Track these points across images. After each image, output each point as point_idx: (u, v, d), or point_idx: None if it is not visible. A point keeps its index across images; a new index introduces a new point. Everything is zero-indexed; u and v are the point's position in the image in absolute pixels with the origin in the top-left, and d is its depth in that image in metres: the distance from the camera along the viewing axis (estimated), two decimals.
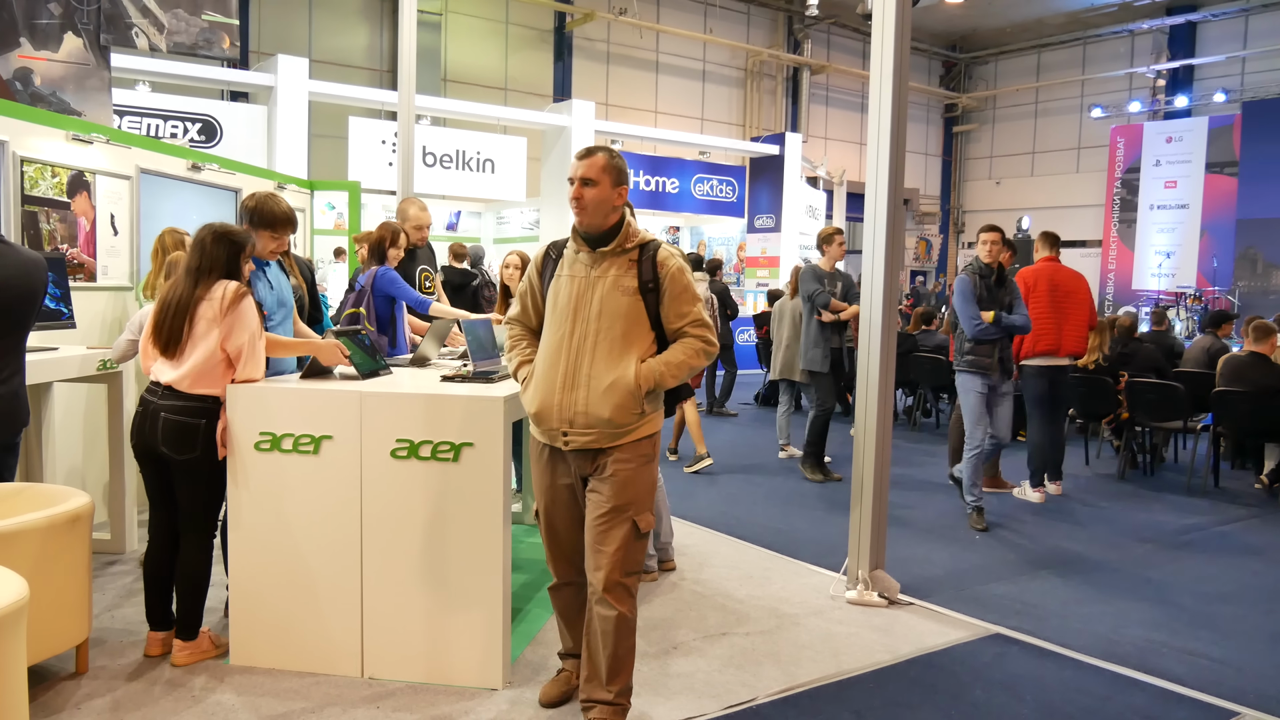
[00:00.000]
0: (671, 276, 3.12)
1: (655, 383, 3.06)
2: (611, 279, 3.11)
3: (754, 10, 21.89)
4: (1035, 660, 4.05)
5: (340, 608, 3.63)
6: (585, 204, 3.09)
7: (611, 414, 3.03)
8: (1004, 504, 6.96)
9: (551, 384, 3.09)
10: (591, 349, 3.07)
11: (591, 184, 3.09)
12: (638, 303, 3.09)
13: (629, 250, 3.15)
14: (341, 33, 16.79)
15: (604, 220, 3.13)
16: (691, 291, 3.14)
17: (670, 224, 18.49)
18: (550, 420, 3.10)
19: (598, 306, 3.08)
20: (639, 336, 3.10)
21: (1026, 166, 25.71)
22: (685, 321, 3.13)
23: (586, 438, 3.07)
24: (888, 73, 4.57)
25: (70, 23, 6.97)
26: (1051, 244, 7.10)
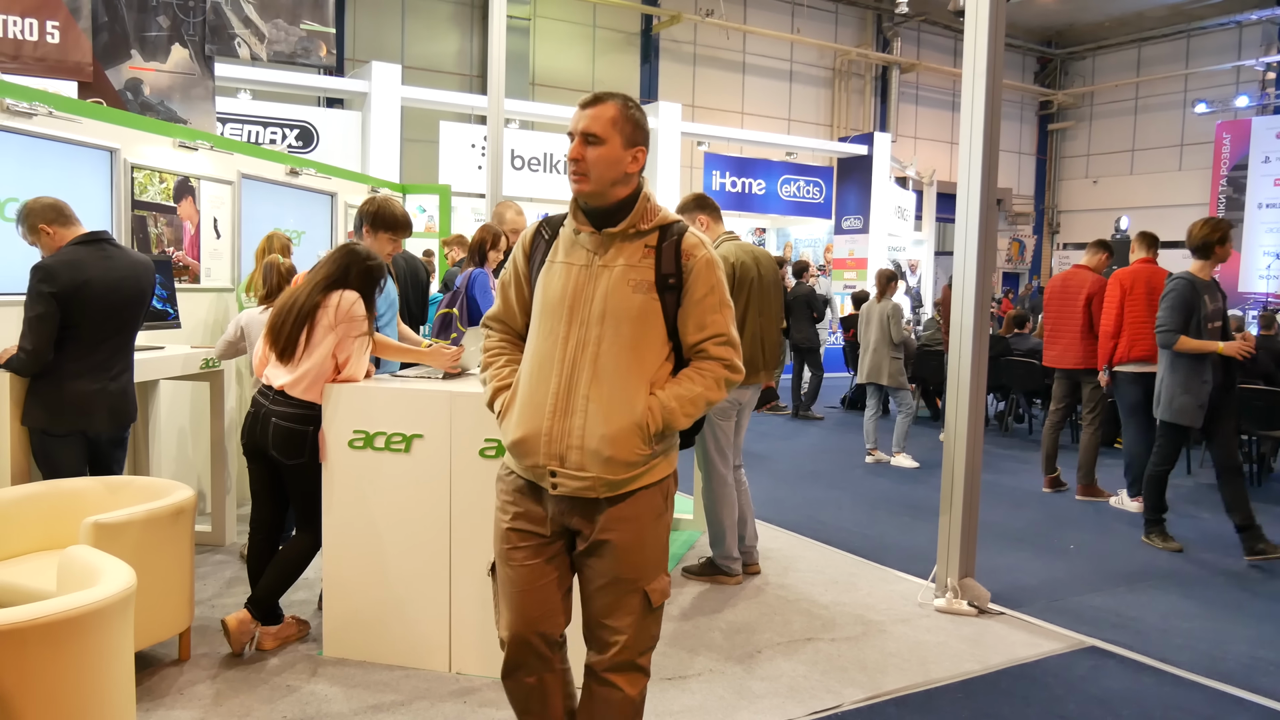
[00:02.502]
0: (698, 272, 2.39)
1: (664, 423, 2.36)
2: (620, 269, 2.38)
3: (842, 9, 21.64)
4: (1133, 675, 3.92)
5: (429, 604, 3.70)
6: (586, 168, 2.36)
7: (613, 453, 2.32)
8: (1101, 514, 6.76)
9: (539, 406, 2.37)
10: (592, 361, 2.35)
11: (596, 141, 2.36)
12: (653, 302, 2.38)
13: (645, 233, 2.42)
14: (433, 39, 17.10)
15: (612, 191, 2.39)
16: (722, 295, 2.44)
17: (756, 225, 18.40)
18: (535, 454, 2.37)
19: (601, 305, 2.36)
20: (652, 348, 2.39)
21: (1125, 165, 24.90)
22: (707, 336, 2.40)
23: (580, 483, 2.34)
24: (980, 70, 4.49)
25: (177, 35, 7.25)
26: (1149, 245, 6.87)
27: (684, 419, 2.39)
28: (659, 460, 2.43)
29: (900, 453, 8.33)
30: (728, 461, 4.85)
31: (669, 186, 15.55)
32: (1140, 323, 6.56)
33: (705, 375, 2.41)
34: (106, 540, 3.14)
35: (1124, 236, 18.34)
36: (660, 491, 2.46)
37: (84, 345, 3.77)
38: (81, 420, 3.80)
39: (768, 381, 5.01)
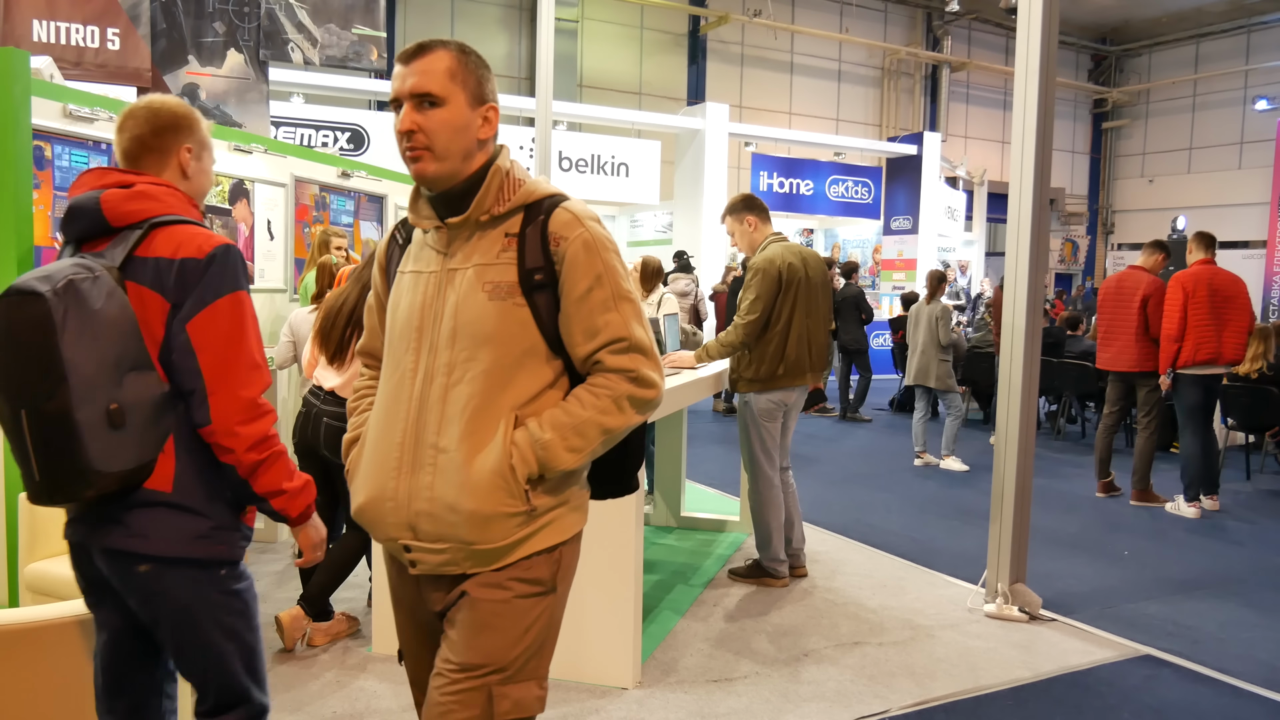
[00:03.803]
0: (573, 259, 1.78)
1: (537, 464, 1.76)
2: (473, 270, 1.80)
3: (892, 8, 21.46)
4: (1190, 685, 3.84)
5: None
6: (426, 140, 1.76)
7: (476, 507, 1.75)
8: (1156, 519, 6.63)
9: (384, 462, 1.82)
10: (441, 398, 1.78)
11: (433, 103, 1.76)
12: (516, 310, 1.78)
13: (504, 218, 1.83)
14: (481, 42, 17.24)
15: (458, 167, 1.81)
16: (616, 286, 1.81)
17: (804, 226, 18.30)
18: (384, 524, 1.82)
19: (451, 322, 1.79)
20: (523, 371, 1.80)
21: (1183, 163, 24.40)
22: (601, 344, 1.80)
23: (439, 557, 1.78)
24: (1033, 68, 4.42)
25: (233, 40, 7.38)
26: (1207, 245, 6.73)
27: (568, 455, 1.76)
28: (550, 519, 1.82)
29: (949, 455, 8.24)
30: (774, 463, 4.83)
31: (716, 187, 15.52)
32: (1204, 325, 6.44)
33: (598, 394, 1.79)
34: None
35: (1181, 237, 17.98)
36: (549, 564, 1.84)
37: None
38: None
39: (815, 383, 4.99)
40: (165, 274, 1.91)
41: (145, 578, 1.95)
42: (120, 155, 2.06)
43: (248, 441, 1.94)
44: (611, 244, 1.86)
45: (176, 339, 1.91)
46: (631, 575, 3.58)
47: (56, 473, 1.81)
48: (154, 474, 1.92)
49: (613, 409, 1.81)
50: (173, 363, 1.92)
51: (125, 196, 1.95)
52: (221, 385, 1.92)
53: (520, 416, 1.79)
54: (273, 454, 1.99)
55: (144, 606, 2.00)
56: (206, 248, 1.94)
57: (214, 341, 1.92)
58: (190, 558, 1.96)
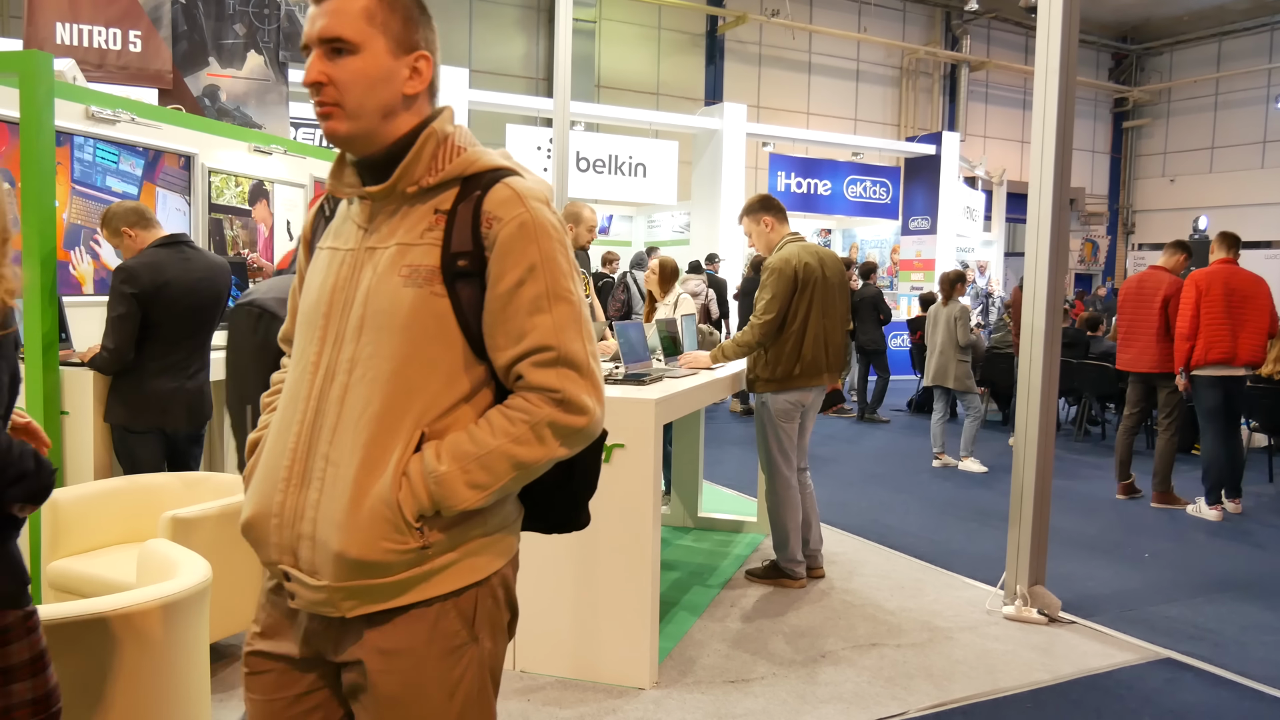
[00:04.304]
0: (504, 244, 1.48)
1: (430, 501, 1.46)
2: (392, 251, 1.52)
3: (910, 7, 21.38)
4: (1211, 689, 3.81)
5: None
6: (337, 95, 1.50)
7: (349, 548, 1.45)
8: (1177, 522, 6.58)
9: (274, 471, 1.54)
10: (340, 399, 1.50)
11: (347, 49, 1.49)
12: (434, 301, 1.49)
13: (435, 190, 1.54)
14: (499, 43, 17.28)
15: (384, 128, 1.53)
16: (552, 282, 1.51)
17: (822, 226, 18.26)
18: (266, 545, 1.54)
19: (360, 309, 1.52)
20: (435, 375, 1.50)
21: (1204, 163, 24.21)
22: (522, 351, 1.49)
23: (313, 594, 1.49)
24: (1054, 67, 4.40)
25: (253, 42, 7.43)
26: (1229, 245, 6.68)
27: (469, 492, 1.46)
28: (455, 558, 1.52)
29: (968, 457, 8.21)
30: (792, 464, 4.82)
31: (734, 188, 15.50)
32: (1217, 325, 6.39)
33: (513, 418, 1.48)
34: (184, 534, 3.23)
35: (1202, 237, 17.85)
36: (456, 611, 1.52)
37: (163, 345, 3.88)
38: (160, 418, 3.91)
39: (832, 383, 4.98)
40: None
41: None
42: None
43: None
44: (557, 231, 1.53)
45: None
46: (648, 575, 3.58)
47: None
48: None
49: (529, 438, 1.48)
50: None
51: None
52: None
53: (428, 434, 1.48)
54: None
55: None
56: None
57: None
58: None
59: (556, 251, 1.52)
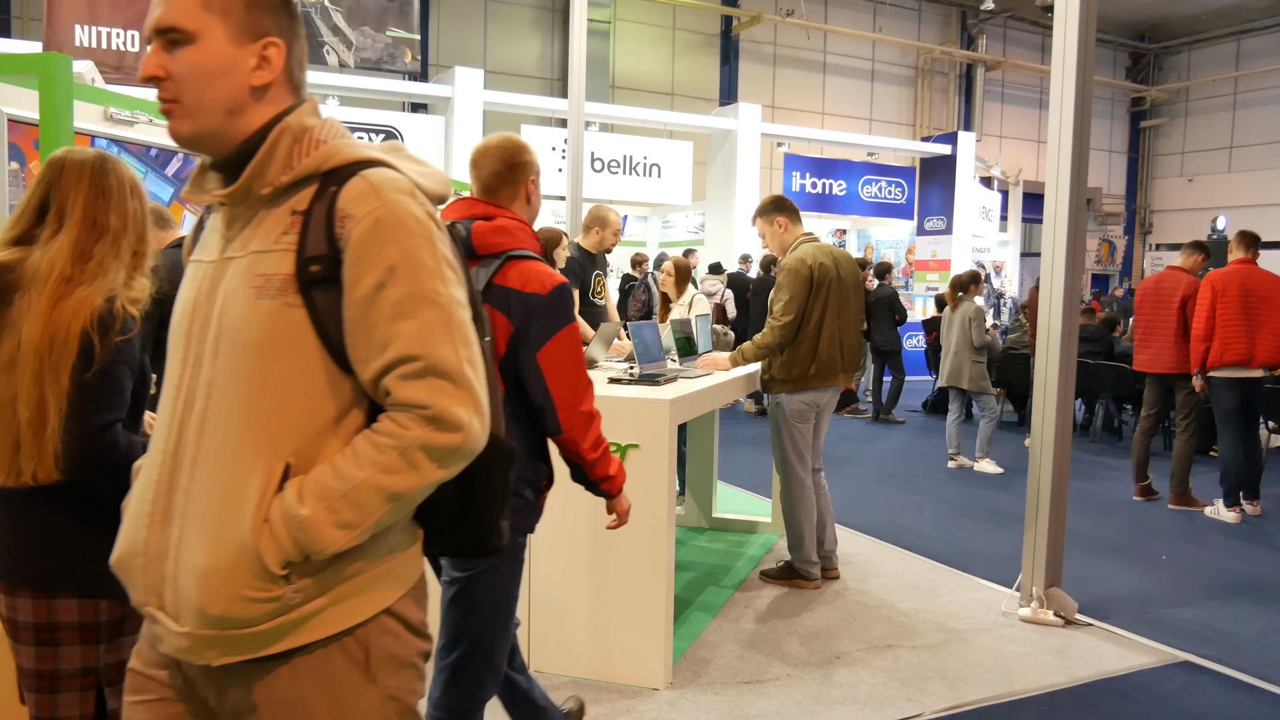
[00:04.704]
0: (358, 244, 1.33)
1: (295, 549, 1.30)
2: (247, 260, 1.37)
3: (926, 7, 21.31)
4: (1228, 692, 3.79)
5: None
6: (176, 91, 1.36)
7: (208, 602, 1.31)
8: (1194, 524, 6.54)
9: (140, 505, 1.41)
10: (199, 428, 1.36)
11: (181, 40, 1.35)
12: (289, 313, 1.34)
13: (294, 190, 1.39)
14: (514, 44, 17.31)
15: (231, 125, 1.39)
16: (416, 285, 1.34)
17: (837, 227, 18.22)
18: (134, 584, 1.41)
19: (216, 328, 1.37)
20: (297, 398, 1.35)
21: (1223, 162, 24.04)
22: (386, 363, 1.33)
23: (178, 640, 1.35)
24: (1070, 66, 4.38)
25: None
26: (1248, 245, 6.63)
27: (338, 534, 1.30)
28: (336, 597, 1.37)
29: (983, 458, 8.17)
30: (806, 465, 4.82)
31: (749, 188, 15.49)
32: (1234, 326, 6.34)
33: (380, 444, 1.32)
34: None
35: (1221, 237, 17.73)
36: (343, 655, 1.39)
37: None
38: None
39: (846, 384, 4.96)
40: (513, 302, 2.27)
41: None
42: (480, 187, 2.46)
43: (589, 443, 2.35)
44: (422, 225, 1.36)
45: (528, 365, 2.28)
46: (663, 576, 3.58)
47: None
48: None
49: (399, 466, 1.31)
50: (525, 382, 2.30)
51: (490, 229, 2.33)
52: (568, 402, 2.30)
53: (294, 465, 1.33)
54: (604, 449, 2.40)
55: (450, 574, 2.40)
56: (549, 285, 2.29)
57: (559, 367, 2.29)
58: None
59: (420, 248, 1.35)
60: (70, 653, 1.94)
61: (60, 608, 1.93)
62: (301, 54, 1.46)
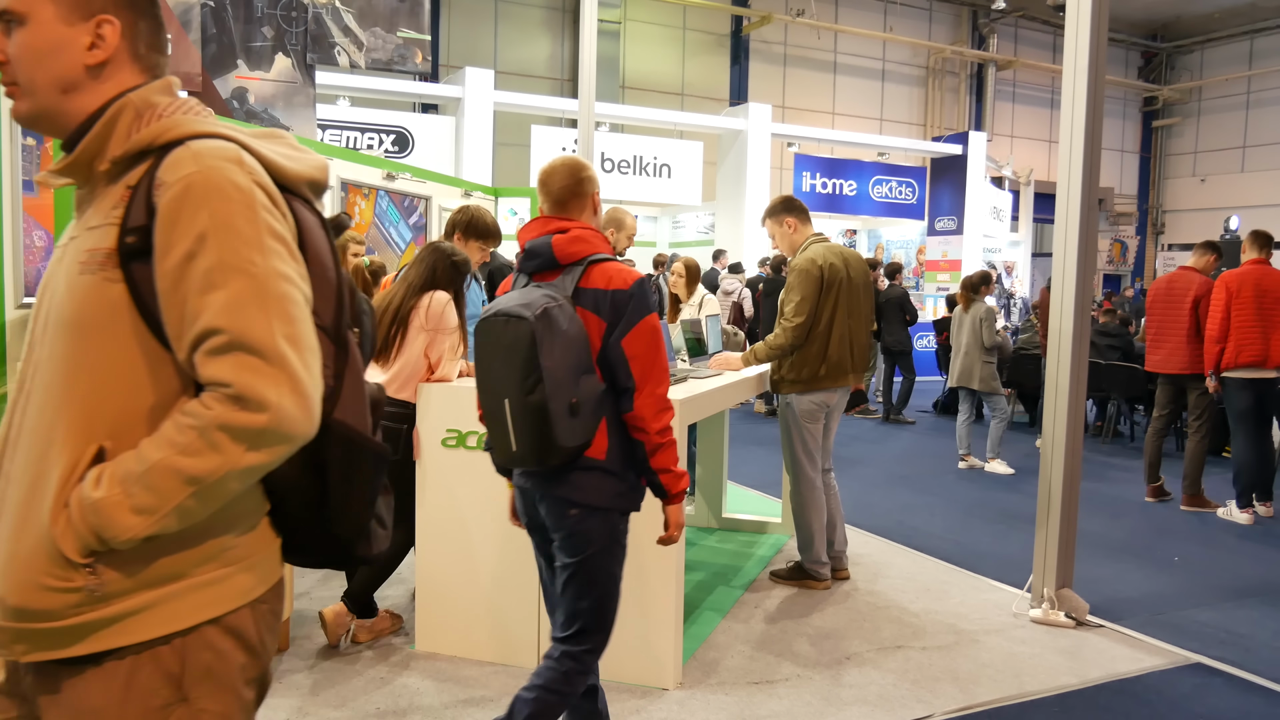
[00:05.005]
0: (167, 210, 1.26)
1: (92, 535, 1.24)
2: (80, 240, 1.33)
3: (936, 6, 21.27)
4: (1242, 695, 3.77)
5: (518, 601, 3.75)
6: (14, 73, 1.35)
7: (8, 590, 1.28)
8: (1207, 525, 6.51)
9: None
10: (23, 413, 1.34)
11: (15, 21, 1.34)
12: (107, 288, 1.28)
13: (132, 165, 1.33)
14: (525, 44, 17.33)
15: (68, 105, 1.36)
16: (225, 250, 1.25)
17: (847, 227, 18.20)
18: None
19: (45, 307, 1.36)
20: (114, 377, 1.29)
21: (1236, 162, 23.93)
22: (193, 339, 1.25)
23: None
24: (1082, 66, 4.36)
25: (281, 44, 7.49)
26: (1261, 245, 6.59)
27: (134, 520, 1.23)
28: (144, 601, 1.29)
29: (994, 459, 8.15)
30: (817, 465, 4.81)
31: (759, 188, 15.48)
32: (1248, 327, 6.31)
33: (181, 425, 1.24)
34: None
35: (1233, 237, 17.64)
36: (154, 665, 1.30)
37: None
38: None
39: (856, 384, 4.96)
40: (601, 301, 2.51)
41: (573, 520, 2.54)
42: (552, 203, 2.72)
43: (657, 426, 2.53)
44: (241, 192, 1.27)
45: (614, 351, 2.50)
46: (673, 576, 3.58)
47: (532, 445, 2.44)
48: (592, 447, 2.50)
49: (199, 447, 1.22)
50: (611, 368, 2.51)
51: (567, 240, 2.57)
52: (645, 384, 2.51)
53: (110, 450, 1.27)
54: (671, 440, 2.56)
55: (565, 541, 2.57)
56: (630, 281, 2.54)
57: (640, 351, 2.51)
58: (609, 508, 2.56)
59: (235, 215, 1.26)
60: None
61: None
62: (151, 32, 1.40)
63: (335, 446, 1.37)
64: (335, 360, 1.41)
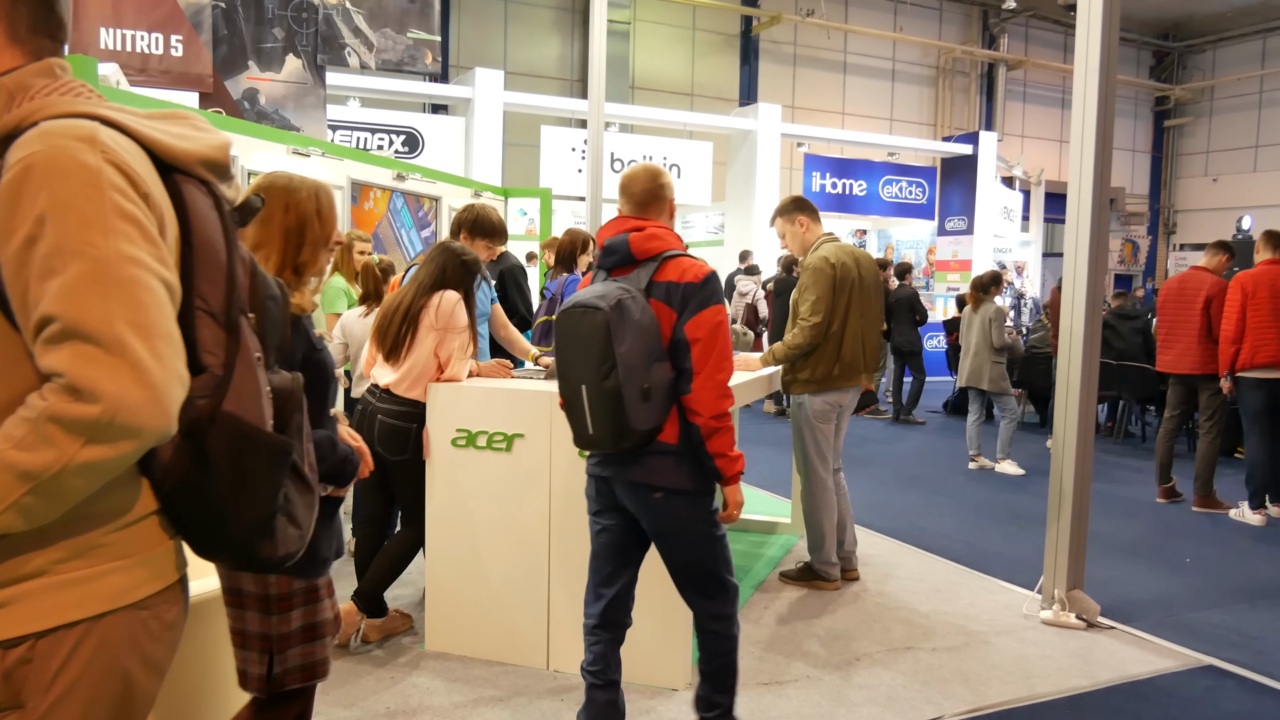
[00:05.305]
0: (6, 193, 1.20)
1: None
2: None
3: (947, 6, 21.21)
4: (1254, 697, 3.75)
5: (528, 601, 3.75)
6: None
7: None
8: (1219, 526, 6.48)
9: None
10: None
11: None
12: None
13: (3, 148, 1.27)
14: (534, 45, 17.34)
15: None
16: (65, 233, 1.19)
17: (857, 227, 18.16)
18: None
19: None
20: None
21: (1248, 161, 23.80)
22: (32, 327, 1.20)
23: None
24: (1094, 65, 4.35)
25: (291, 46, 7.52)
26: (1276, 245, 6.55)
27: None
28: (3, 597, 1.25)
29: (1005, 459, 8.13)
30: (828, 465, 4.80)
31: (769, 188, 15.46)
32: (1264, 327, 6.28)
33: (18, 418, 1.18)
34: None
35: (1246, 237, 17.55)
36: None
37: None
38: None
39: (867, 384, 4.95)
40: (673, 293, 2.72)
41: (658, 502, 2.76)
42: (634, 205, 2.97)
43: (713, 411, 2.70)
44: (86, 173, 1.20)
45: (679, 336, 2.70)
46: None
47: (608, 430, 2.66)
48: (664, 432, 2.72)
49: (32, 441, 1.16)
50: (678, 353, 2.71)
51: (643, 238, 2.81)
52: (704, 368, 2.69)
53: None
54: (726, 425, 2.73)
55: (653, 523, 2.82)
56: (701, 274, 2.75)
57: (703, 337, 2.69)
58: (688, 489, 2.76)
59: (76, 195, 1.18)
60: (252, 617, 2.16)
61: (242, 577, 2.15)
62: (34, 14, 1.33)
63: (222, 440, 1.29)
64: (225, 348, 1.33)
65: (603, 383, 2.61)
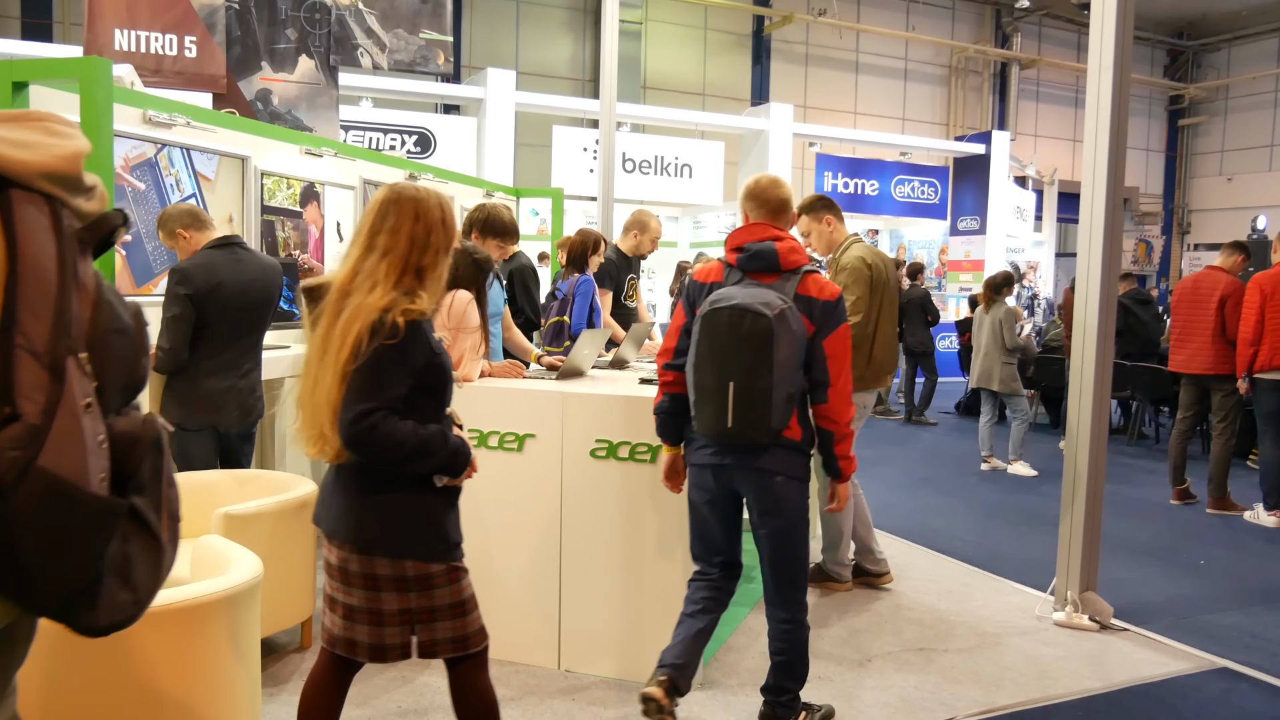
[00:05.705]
0: None
1: None
2: None
3: (959, 5, 21.13)
4: (1269, 699, 3.72)
5: (539, 601, 3.76)
6: None
7: None
8: (1233, 528, 6.44)
9: None
10: None
11: None
12: None
13: None
14: (546, 45, 17.35)
15: None
16: None
17: (869, 227, 18.11)
18: None
19: None
20: None
21: (1264, 161, 23.64)
22: None
23: None
24: (1107, 64, 4.33)
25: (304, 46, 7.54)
26: None
27: None
28: None
29: (1017, 460, 8.10)
30: None
31: None
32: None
33: None
34: (236, 531, 3.29)
35: (1261, 236, 17.44)
36: None
37: (216, 344, 3.95)
38: (213, 416, 3.98)
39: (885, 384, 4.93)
40: (814, 308, 2.98)
41: (779, 486, 3.03)
42: (768, 213, 3.18)
43: (846, 419, 3.06)
44: None
45: (817, 351, 2.98)
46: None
47: (749, 425, 2.89)
48: (789, 429, 2.99)
49: None
50: (813, 365, 2.99)
51: (788, 249, 3.04)
52: (838, 380, 3.00)
53: None
54: (853, 431, 3.12)
55: (771, 504, 3.06)
56: (835, 294, 3.02)
57: (837, 352, 2.99)
58: (803, 478, 3.08)
59: None
60: (389, 598, 2.39)
61: (377, 565, 2.36)
62: None
63: (32, 499, 1.10)
64: (47, 393, 1.13)
65: (756, 383, 2.82)
